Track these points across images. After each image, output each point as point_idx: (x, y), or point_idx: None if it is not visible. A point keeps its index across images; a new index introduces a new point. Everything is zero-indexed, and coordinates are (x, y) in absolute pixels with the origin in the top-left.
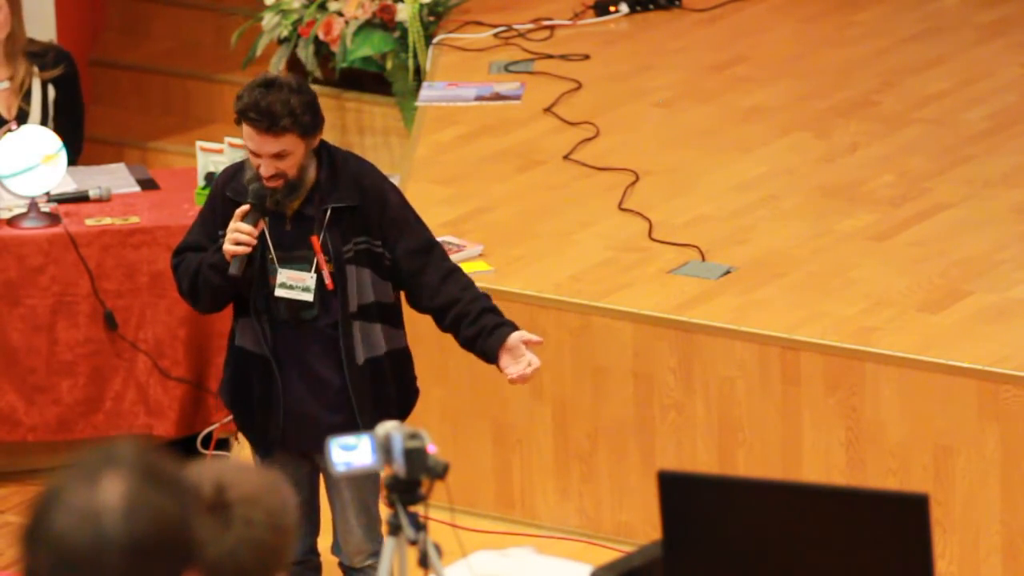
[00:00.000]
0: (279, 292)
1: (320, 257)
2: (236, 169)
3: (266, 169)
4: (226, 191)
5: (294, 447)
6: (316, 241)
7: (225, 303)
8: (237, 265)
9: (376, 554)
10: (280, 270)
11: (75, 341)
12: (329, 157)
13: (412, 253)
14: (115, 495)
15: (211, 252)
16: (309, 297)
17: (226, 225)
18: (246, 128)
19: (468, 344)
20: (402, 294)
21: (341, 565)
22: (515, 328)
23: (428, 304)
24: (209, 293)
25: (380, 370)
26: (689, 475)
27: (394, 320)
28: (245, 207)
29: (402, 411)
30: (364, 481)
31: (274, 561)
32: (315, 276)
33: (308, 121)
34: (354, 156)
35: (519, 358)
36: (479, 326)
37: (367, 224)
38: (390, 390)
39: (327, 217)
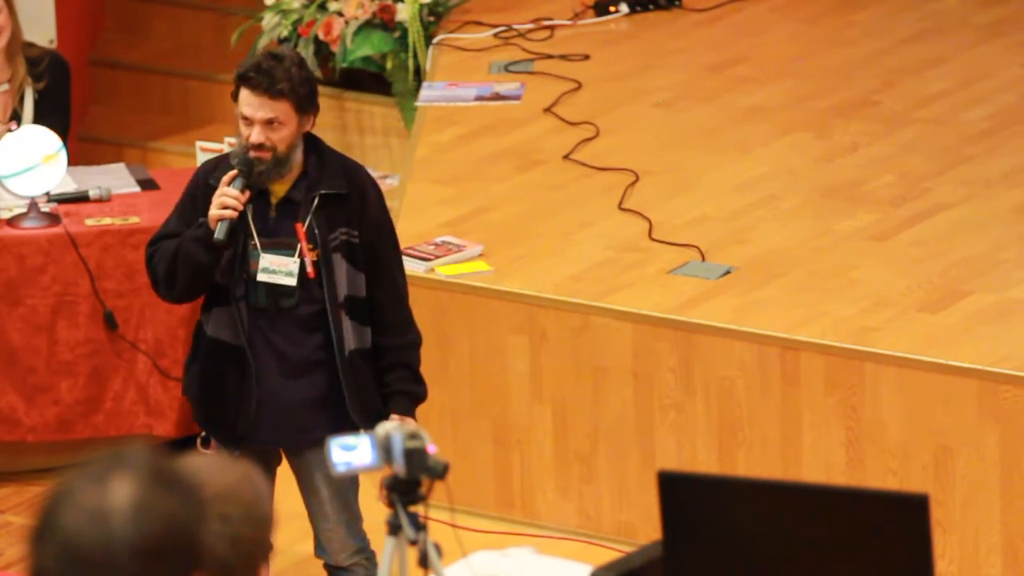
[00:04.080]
0: (261, 276)
1: (303, 244)
2: (219, 160)
3: (256, 136)
4: (209, 179)
5: (264, 440)
6: (300, 228)
7: (201, 290)
8: (223, 230)
9: (361, 551)
10: (263, 255)
11: (75, 341)
12: (317, 148)
13: (375, 261)
14: (124, 496)
15: (194, 227)
16: (292, 281)
17: (206, 214)
18: (243, 93)
19: (377, 381)
20: None
21: (327, 566)
22: (408, 403)
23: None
24: (188, 273)
25: (363, 363)
26: (689, 475)
27: (364, 317)
28: (232, 172)
29: (380, 412)
30: (342, 478)
31: (257, 552)
32: (298, 262)
33: (304, 94)
34: (341, 153)
35: None
36: (387, 380)
37: (350, 214)
38: (371, 386)
39: (314, 204)
